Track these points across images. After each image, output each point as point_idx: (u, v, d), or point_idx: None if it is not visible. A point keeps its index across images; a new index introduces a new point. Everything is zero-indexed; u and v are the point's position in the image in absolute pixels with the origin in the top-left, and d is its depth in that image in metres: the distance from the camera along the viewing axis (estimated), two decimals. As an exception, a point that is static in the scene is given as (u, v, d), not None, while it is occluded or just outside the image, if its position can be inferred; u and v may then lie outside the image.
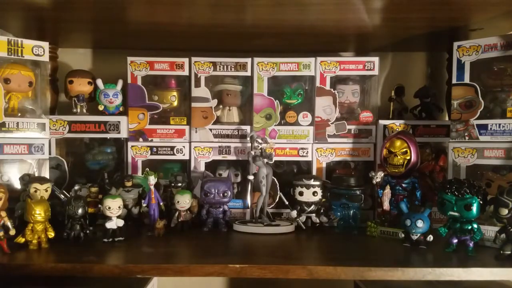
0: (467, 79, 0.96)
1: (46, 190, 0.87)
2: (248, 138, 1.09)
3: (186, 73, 1.11)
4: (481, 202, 0.79)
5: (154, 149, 1.10)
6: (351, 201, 0.98)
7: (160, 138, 1.11)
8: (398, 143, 0.97)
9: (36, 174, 0.99)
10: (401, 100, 1.19)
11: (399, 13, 0.93)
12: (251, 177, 1.03)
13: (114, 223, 0.88)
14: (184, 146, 1.11)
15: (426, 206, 0.86)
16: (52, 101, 1.17)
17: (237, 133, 1.11)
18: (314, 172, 1.09)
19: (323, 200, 1.03)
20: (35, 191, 0.86)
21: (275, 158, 1.03)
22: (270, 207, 1.07)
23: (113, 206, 0.87)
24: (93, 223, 0.92)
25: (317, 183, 1.02)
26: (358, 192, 0.98)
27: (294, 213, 1.02)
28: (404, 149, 0.96)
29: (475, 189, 0.79)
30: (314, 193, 1.02)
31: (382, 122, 1.10)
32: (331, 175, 1.07)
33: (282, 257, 0.77)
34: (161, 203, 0.97)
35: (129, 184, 0.99)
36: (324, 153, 1.10)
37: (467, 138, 0.95)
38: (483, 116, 0.93)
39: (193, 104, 1.11)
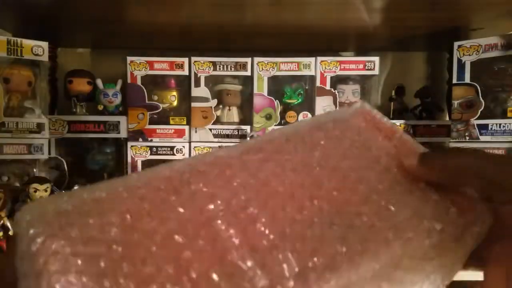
0: (467, 79, 0.95)
1: (46, 190, 0.87)
2: (248, 138, 1.09)
3: (186, 73, 1.10)
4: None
5: (154, 149, 1.10)
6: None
7: (160, 138, 1.11)
8: (398, 143, 0.96)
9: (36, 174, 0.99)
10: (401, 100, 1.18)
11: (399, 13, 0.93)
12: (251, 177, 1.02)
13: (114, 223, 0.87)
14: (184, 146, 1.10)
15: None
16: (51, 101, 1.16)
17: (237, 133, 1.11)
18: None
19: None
20: (35, 191, 0.86)
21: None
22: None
23: (113, 206, 0.87)
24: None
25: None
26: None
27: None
28: (405, 149, 0.95)
29: (475, 189, 0.78)
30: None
31: (383, 122, 1.09)
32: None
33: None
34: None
35: (128, 184, 0.98)
36: (324, 153, 1.09)
37: (467, 138, 0.95)
38: (483, 116, 0.93)
39: (193, 104, 1.11)
